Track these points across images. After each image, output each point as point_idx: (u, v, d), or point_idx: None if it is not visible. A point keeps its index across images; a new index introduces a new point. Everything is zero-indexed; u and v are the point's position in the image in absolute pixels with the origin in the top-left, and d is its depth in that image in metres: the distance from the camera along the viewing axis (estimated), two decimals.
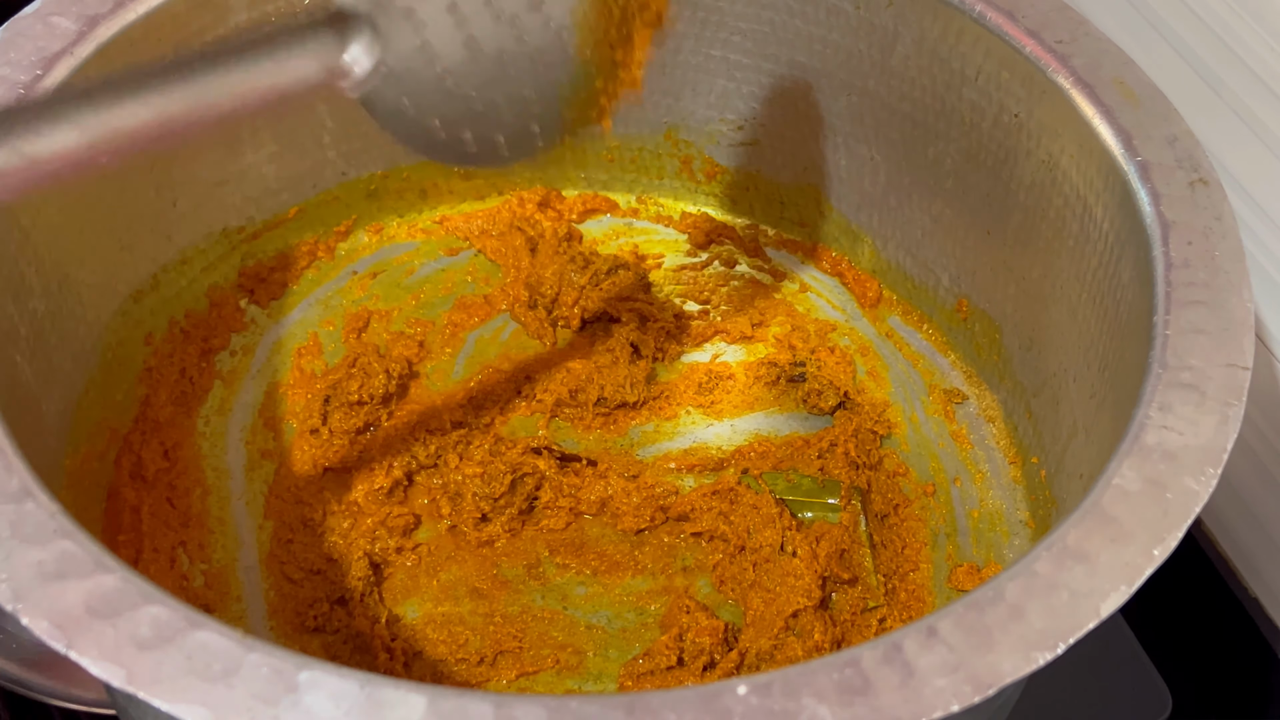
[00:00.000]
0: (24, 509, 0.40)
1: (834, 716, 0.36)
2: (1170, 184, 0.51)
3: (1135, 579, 0.40)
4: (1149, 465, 0.43)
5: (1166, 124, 0.54)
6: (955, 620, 0.39)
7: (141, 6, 0.57)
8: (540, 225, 0.74)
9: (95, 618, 0.37)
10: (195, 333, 0.66)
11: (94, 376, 0.60)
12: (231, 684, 0.36)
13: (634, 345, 0.69)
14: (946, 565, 0.62)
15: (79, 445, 0.58)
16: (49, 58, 0.54)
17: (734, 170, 0.73)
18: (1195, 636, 0.69)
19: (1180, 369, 0.45)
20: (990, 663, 0.38)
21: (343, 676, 0.36)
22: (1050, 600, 0.39)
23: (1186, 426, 0.44)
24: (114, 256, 0.60)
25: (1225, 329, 0.47)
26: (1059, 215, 0.58)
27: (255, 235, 0.69)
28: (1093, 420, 0.55)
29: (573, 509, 0.64)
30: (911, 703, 0.37)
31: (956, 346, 0.68)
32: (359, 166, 0.71)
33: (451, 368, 0.70)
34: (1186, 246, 0.49)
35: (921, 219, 0.67)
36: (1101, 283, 0.55)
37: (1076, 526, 0.41)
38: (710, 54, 0.69)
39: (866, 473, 0.65)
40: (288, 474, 0.65)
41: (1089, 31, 0.57)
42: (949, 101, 0.62)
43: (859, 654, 0.38)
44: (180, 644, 0.36)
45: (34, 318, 0.53)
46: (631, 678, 0.58)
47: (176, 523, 0.60)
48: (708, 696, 0.37)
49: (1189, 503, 0.42)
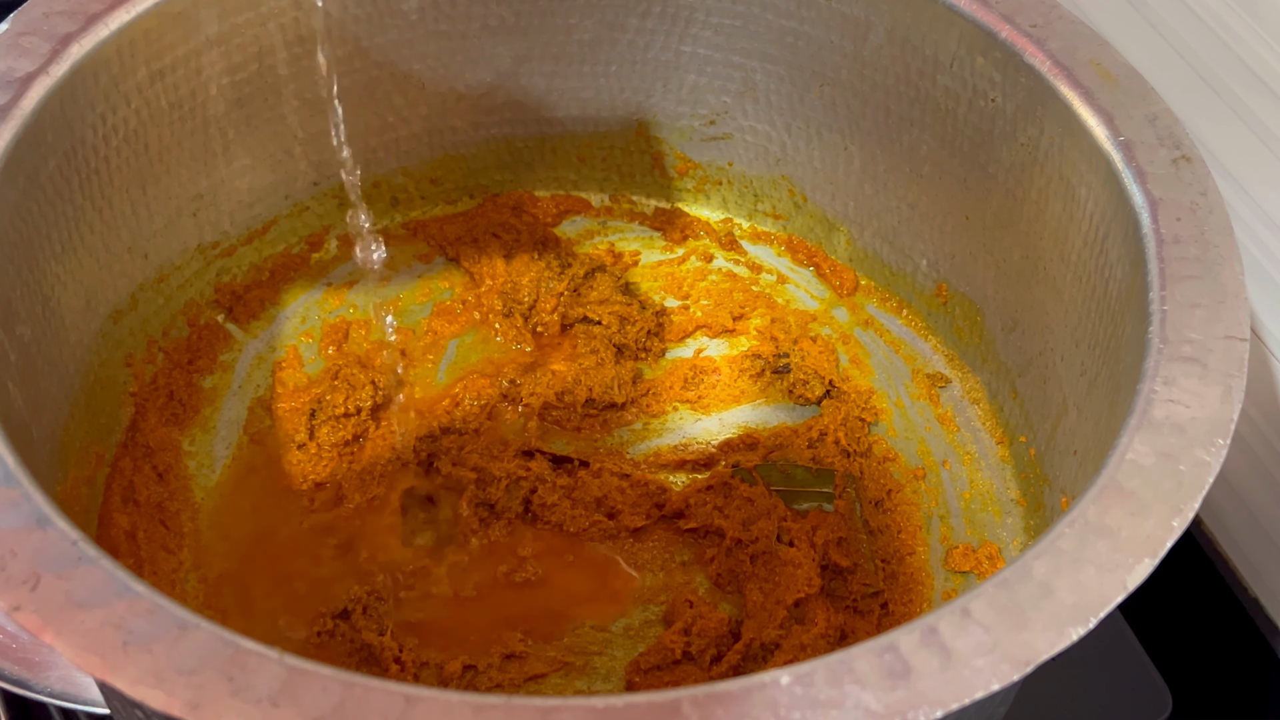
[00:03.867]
0: (47, 536, 0.39)
1: (878, 702, 0.37)
2: (1154, 162, 0.52)
3: (1158, 550, 0.40)
4: (1160, 439, 0.43)
5: (1145, 103, 0.54)
6: (987, 600, 0.39)
7: (114, 23, 0.56)
8: (515, 230, 0.73)
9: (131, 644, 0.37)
10: (177, 354, 0.65)
11: (78, 400, 0.59)
12: (278, 705, 0.35)
13: (617, 347, 0.69)
14: (942, 547, 0.63)
15: (67, 471, 0.57)
16: (24, 78, 0.53)
17: (706, 165, 0.74)
18: (1195, 636, 0.70)
19: (1180, 343, 0.46)
20: (1025, 640, 0.38)
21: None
22: (1078, 576, 0.40)
23: (1192, 399, 0.44)
24: (93, 277, 0.59)
25: (1220, 301, 0.47)
26: (1040, 197, 0.59)
27: (230, 250, 0.68)
28: (1084, 397, 0.56)
29: (568, 511, 0.64)
30: (953, 684, 0.37)
31: (937, 331, 0.69)
32: (330, 176, 0.71)
33: (435, 375, 0.69)
34: (1175, 223, 0.50)
35: (898, 206, 0.68)
36: (1087, 262, 0.56)
37: (1095, 502, 0.42)
38: (680, 49, 0.69)
39: (858, 460, 0.65)
40: (278, 490, 0.64)
41: (1062, 15, 0.58)
42: (924, 89, 0.63)
43: (896, 639, 0.38)
44: (221, 667, 0.36)
45: (22, 344, 0.53)
46: (639, 674, 0.58)
47: (173, 544, 0.60)
48: (752, 688, 0.37)
49: (1202, 474, 0.42)
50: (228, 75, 0.62)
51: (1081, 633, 0.39)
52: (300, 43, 0.64)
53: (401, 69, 0.68)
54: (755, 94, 0.69)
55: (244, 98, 0.64)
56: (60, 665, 0.61)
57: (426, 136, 0.72)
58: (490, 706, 0.36)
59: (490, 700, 0.36)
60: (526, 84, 0.71)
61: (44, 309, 0.55)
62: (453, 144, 0.72)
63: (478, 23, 0.67)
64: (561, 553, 0.63)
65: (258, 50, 0.63)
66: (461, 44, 0.68)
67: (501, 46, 0.69)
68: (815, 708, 0.36)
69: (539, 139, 0.74)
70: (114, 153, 0.58)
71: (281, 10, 0.62)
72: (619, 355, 0.69)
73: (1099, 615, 0.39)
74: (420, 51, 0.68)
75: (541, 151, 0.74)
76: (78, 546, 0.39)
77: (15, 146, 0.51)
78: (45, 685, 0.60)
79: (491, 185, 0.75)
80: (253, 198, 0.68)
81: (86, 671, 0.36)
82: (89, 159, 0.57)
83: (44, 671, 0.60)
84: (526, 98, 0.72)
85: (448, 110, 0.71)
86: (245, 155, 0.66)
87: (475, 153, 0.73)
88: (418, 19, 0.66)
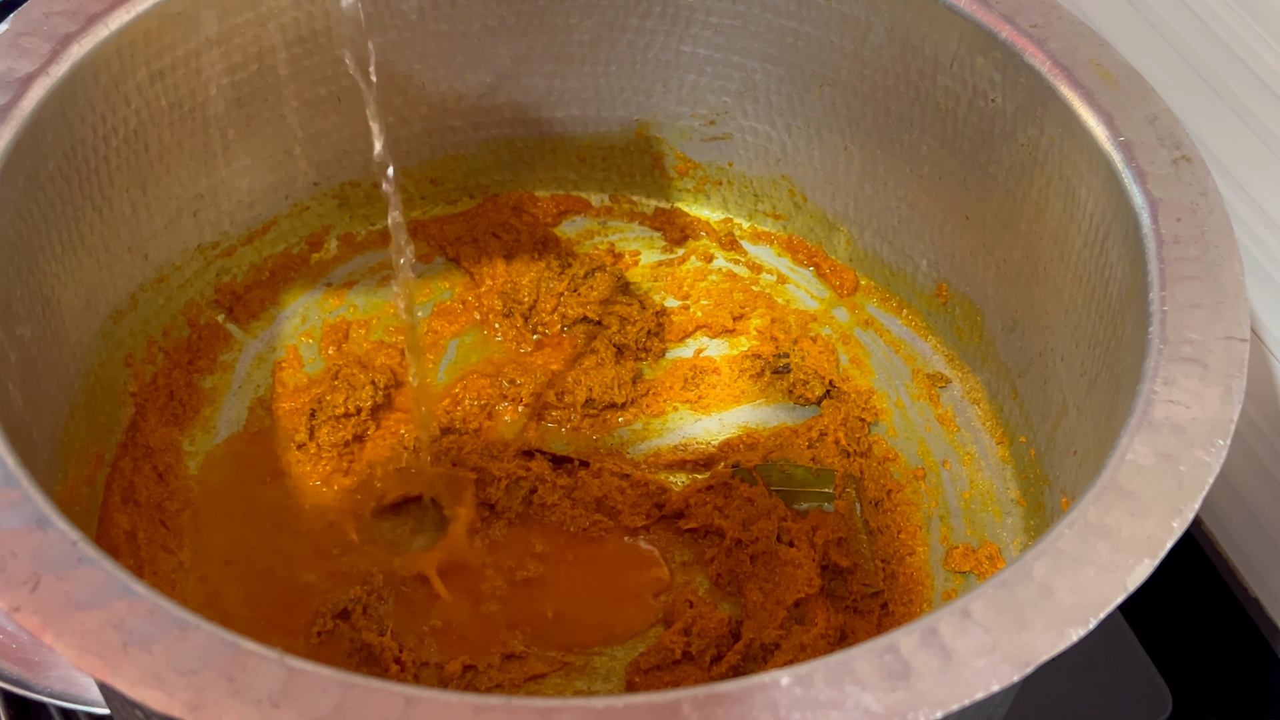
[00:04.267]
0: (47, 537, 0.39)
1: (878, 703, 0.37)
2: (1154, 162, 0.52)
3: (1158, 551, 0.40)
4: (1160, 439, 0.43)
5: (1145, 103, 0.54)
6: (987, 601, 0.39)
7: (114, 23, 0.56)
8: (515, 229, 0.73)
9: (131, 644, 0.37)
10: (177, 354, 0.66)
11: (78, 401, 0.59)
12: (278, 705, 0.35)
13: (617, 347, 0.69)
14: (942, 547, 0.63)
15: (67, 471, 0.57)
16: (24, 79, 0.53)
17: (706, 165, 0.74)
18: (1195, 636, 0.70)
19: (1180, 343, 0.46)
20: (1025, 641, 0.38)
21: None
22: (1078, 576, 0.40)
23: (1192, 400, 0.45)
24: (93, 277, 0.59)
25: (1220, 302, 0.47)
26: (1040, 197, 0.59)
27: (230, 250, 0.68)
28: (1084, 397, 0.56)
29: (568, 511, 0.64)
30: (953, 685, 0.37)
31: (937, 331, 0.69)
32: (330, 175, 0.71)
33: (435, 374, 0.69)
34: (1176, 223, 0.50)
35: (898, 206, 0.68)
36: (1087, 262, 0.56)
37: (1095, 503, 0.42)
38: (680, 50, 0.69)
39: (858, 460, 0.65)
40: (277, 490, 0.64)
41: (1062, 15, 0.58)
42: (924, 89, 0.63)
43: (896, 639, 0.38)
44: (221, 668, 0.36)
45: (22, 344, 0.53)
46: (639, 674, 0.58)
47: (173, 544, 0.60)
48: (752, 689, 0.37)
49: (1202, 474, 0.42)
50: (228, 75, 0.62)
51: (1081, 634, 0.39)
52: (300, 42, 0.64)
53: (401, 69, 0.68)
54: (755, 94, 0.69)
55: (244, 98, 0.64)
56: (60, 665, 0.61)
57: (426, 136, 0.72)
58: (490, 707, 0.36)
59: (490, 701, 0.36)
60: (526, 84, 0.71)
61: (44, 309, 0.55)
62: (453, 144, 0.72)
63: (478, 23, 0.67)
64: (562, 553, 0.63)
65: (258, 50, 0.63)
66: (461, 44, 0.68)
67: (501, 46, 0.69)
68: (815, 709, 0.37)
69: (539, 139, 0.74)
70: (114, 153, 0.58)
71: (281, 10, 0.62)
72: (619, 355, 0.69)
73: (1099, 616, 0.39)
74: (420, 51, 0.68)
75: (541, 151, 0.74)
76: (78, 547, 0.39)
77: (15, 146, 0.51)
78: (45, 685, 0.61)
79: (491, 185, 0.75)
80: (253, 198, 0.68)
81: (87, 672, 0.36)
82: (89, 159, 0.57)
83: (44, 671, 0.61)
84: (526, 98, 0.72)
85: (448, 110, 0.71)
86: (245, 155, 0.66)
87: (475, 153, 0.73)
88: (418, 19, 0.66)
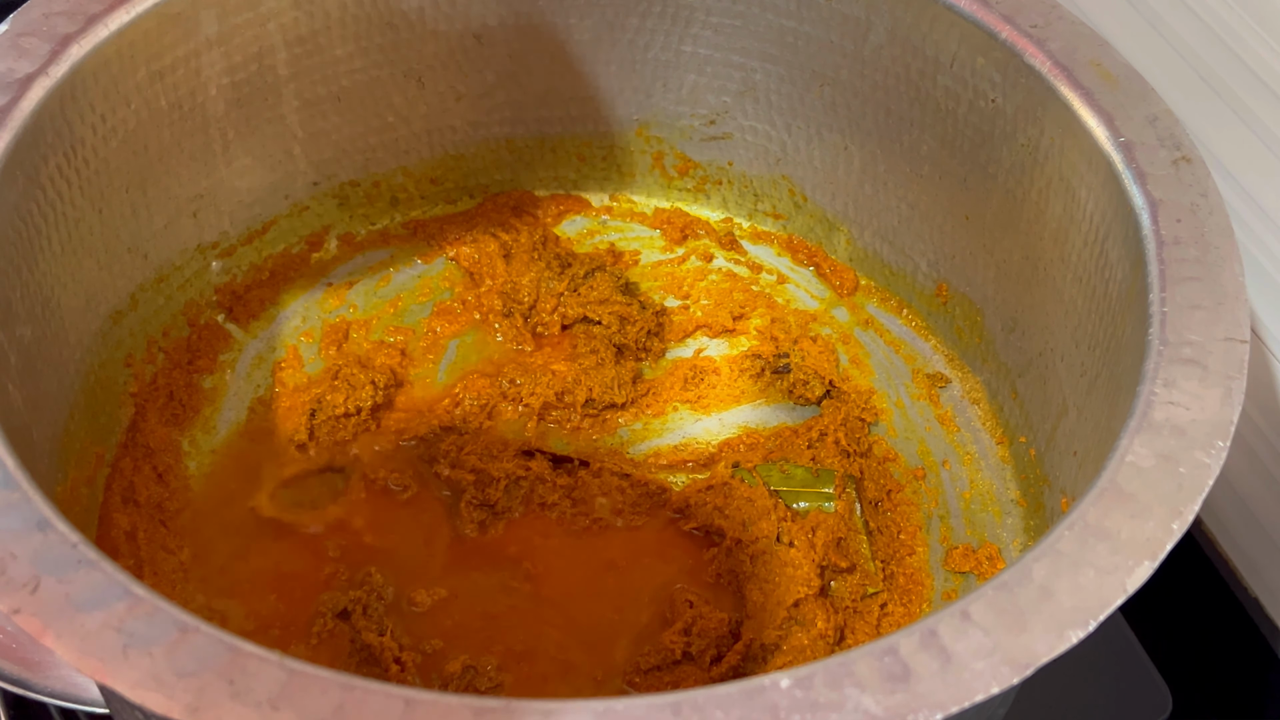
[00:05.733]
0: (47, 539, 0.39)
1: (878, 705, 0.37)
2: (1154, 163, 0.52)
3: (1158, 553, 0.40)
4: (1159, 441, 0.43)
5: (1146, 104, 0.54)
6: (987, 603, 0.39)
7: (114, 23, 0.56)
8: (515, 229, 0.73)
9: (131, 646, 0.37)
10: (177, 354, 0.65)
11: (78, 401, 0.59)
12: (278, 708, 0.35)
13: (617, 347, 0.69)
14: (942, 548, 0.63)
15: (67, 471, 0.57)
16: (23, 79, 0.53)
17: (706, 164, 0.74)
18: (1195, 636, 0.70)
19: (1181, 345, 0.46)
20: (1025, 643, 0.38)
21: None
22: (1077, 578, 0.40)
23: (1192, 401, 0.44)
24: (93, 277, 0.59)
25: (1220, 303, 0.47)
26: (1040, 197, 0.59)
27: (230, 250, 0.68)
28: (1084, 398, 0.56)
29: (568, 510, 0.64)
30: (952, 687, 0.37)
31: (937, 331, 0.69)
32: (330, 175, 0.71)
33: (435, 374, 0.69)
34: (1176, 224, 0.50)
35: (898, 206, 0.68)
36: (1087, 263, 0.56)
37: (1095, 504, 0.42)
38: (680, 49, 0.69)
39: (858, 460, 0.65)
40: (276, 490, 0.64)
41: (1062, 15, 0.58)
42: (924, 89, 0.63)
43: (895, 641, 0.38)
44: (221, 670, 0.36)
45: (22, 344, 0.53)
46: (639, 674, 0.58)
47: (173, 545, 0.60)
48: (752, 691, 0.37)
49: (1202, 476, 0.42)
50: (227, 75, 0.62)
51: (1081, 636, 0.39)
52: (300, 42, 0.64)
53: (401, 69, 0.68)
54: (755, 94, 0.69)
55: (244, 98, 0.64)
56: (60, 665, 0.61)
57: (426, 136, 0.72)
58: (490, 709, 0.36)
59: (490, 703, 0.36)
60: (526, 84, 0.71)
61: (44, 309, 0.55)
62: (453, 144, 0.72)
63: (478, 23, 0.67)
64: (562, 553, 0.63)
65: (258, 50, 0.63)
66: (461, 44, 0.68)
67: (501, 46, 0.69)
68: (815, 710, 0.37)
69: (539, 139, 0.74)
70: (114, 153, 0.58)
71: (281, 10, 0.62)
72: (619, 355, 0.69)
73: (1098, 618, 0.39)
74: (420, 51, 0.68)
75: (541, 151, 0.74)
76: (78, 549, 0.39)
77: (15, 147, 0.51)
78: (45, 685, 0.61)
79: (491, 185, 0.75)
80: (253, 198, 0.68)
81: (87, 675, 0.36)
82: (89, 159, 0.57)
83: (44, 671, 0.61)
84: (526, 98, 0.72)
85: (448, 110, 0.71)
86: (245, 155, 0.66)
87: (475, 153, 0.73)
88: (417, 19, 0.66)
